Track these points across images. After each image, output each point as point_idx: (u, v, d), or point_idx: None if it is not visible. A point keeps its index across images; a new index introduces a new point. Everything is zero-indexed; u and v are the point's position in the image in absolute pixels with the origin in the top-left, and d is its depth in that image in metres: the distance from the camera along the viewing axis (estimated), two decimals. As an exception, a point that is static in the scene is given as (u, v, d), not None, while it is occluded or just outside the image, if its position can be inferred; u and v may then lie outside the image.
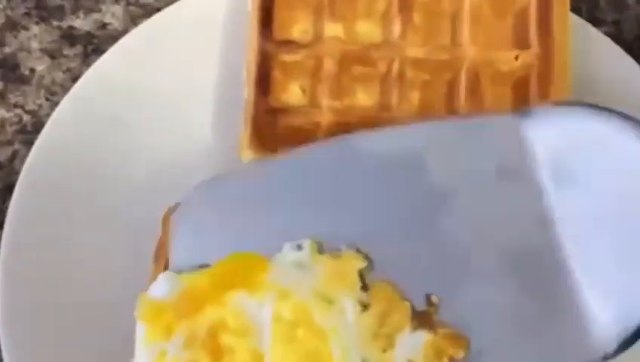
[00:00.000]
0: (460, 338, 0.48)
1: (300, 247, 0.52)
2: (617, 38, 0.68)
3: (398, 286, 0.50)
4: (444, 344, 0.48)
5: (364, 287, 0.49)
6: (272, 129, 0.60)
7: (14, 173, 0.64)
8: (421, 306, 0.49)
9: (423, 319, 0.49)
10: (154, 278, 0.56)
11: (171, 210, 0.59)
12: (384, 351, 0.48)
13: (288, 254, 0.52)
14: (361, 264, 0.50)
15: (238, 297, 0.49)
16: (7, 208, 0.61)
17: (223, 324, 0.49)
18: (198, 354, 0.48)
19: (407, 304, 0.49)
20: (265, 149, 0.60)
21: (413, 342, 0.48)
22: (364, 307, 0.49)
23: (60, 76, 0.69)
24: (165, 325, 0.49)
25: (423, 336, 0.48)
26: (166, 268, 0.55)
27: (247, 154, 0.60)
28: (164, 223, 0.59)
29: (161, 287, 0.52)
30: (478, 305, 0.50)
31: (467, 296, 0.50)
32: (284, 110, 0.61)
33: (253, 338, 0.48)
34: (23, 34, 0.70)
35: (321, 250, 0.51)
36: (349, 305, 0.48)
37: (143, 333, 0.51)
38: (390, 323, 0.48)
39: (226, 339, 0.48)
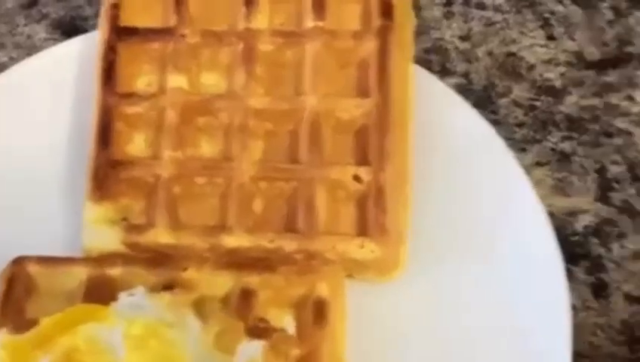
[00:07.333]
0: (292, 339, 0.53)
1: (132, 294, 0.54)
2: (466, 88, 0.69)
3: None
4: (279, 345, 0.52)
5: (200, 313, 0.53)
6: (113, 181, 0.60)
7: None
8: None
9: (258, 332, 0.53)
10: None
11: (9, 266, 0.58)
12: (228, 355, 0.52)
13: (124, 300, 0.54)
14: (194, 295, 0.54)
15: (88, 327, 0.51)
16: None
17: (76, 349, 0.50)
18: None
19: (241, 323, 0.53)
20: (106, 202, 0.59)
21: (253, 348, 0.52)
22: (203, 328, 0.52)
23: None
24: (21, 356, 0.50)
25: (261, 342, 0.52)
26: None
27: (89, 207, 0.60)
28: (3, 279, 0.58)
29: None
30: None
31: None
32: (126, 162, 0.60)
33: (108, 355, 0.50)
34: None
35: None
36: (191, 325, 0.52)
37: None
38: (228, 337, 0.52)
39: (81, 359, 0.50)
